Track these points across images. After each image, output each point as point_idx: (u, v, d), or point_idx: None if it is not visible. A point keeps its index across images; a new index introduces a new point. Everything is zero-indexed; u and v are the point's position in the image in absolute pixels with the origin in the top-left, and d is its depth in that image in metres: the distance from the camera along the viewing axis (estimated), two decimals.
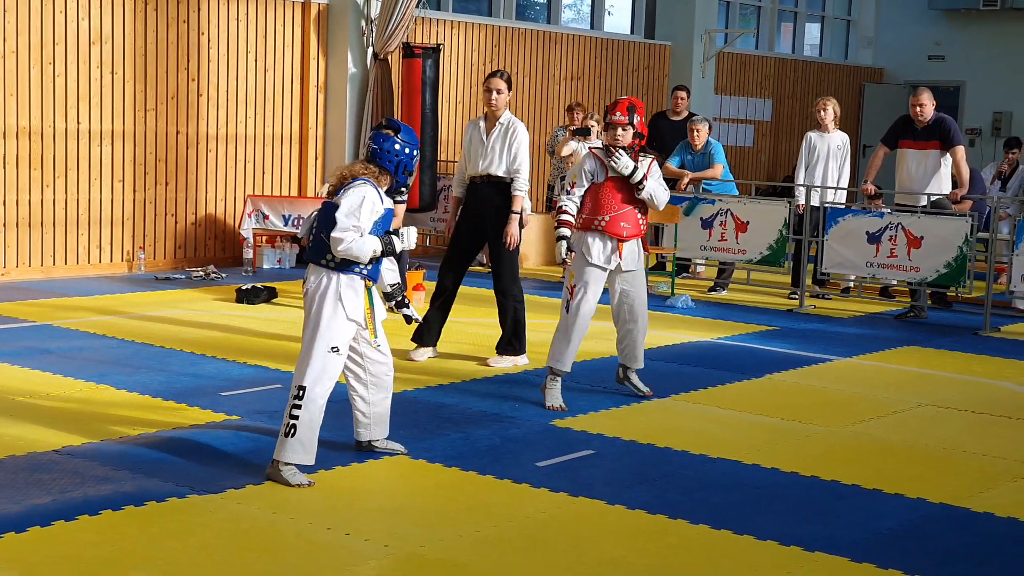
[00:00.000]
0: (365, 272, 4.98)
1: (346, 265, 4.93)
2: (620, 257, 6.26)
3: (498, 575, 4.07)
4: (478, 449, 5.53)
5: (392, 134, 5.06)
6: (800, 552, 4.34)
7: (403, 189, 5.20)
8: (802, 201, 10.39)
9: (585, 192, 6.31)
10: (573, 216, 6.30)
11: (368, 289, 5.05)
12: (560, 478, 5.13)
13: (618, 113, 6.19)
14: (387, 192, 5.08)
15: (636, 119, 6.18)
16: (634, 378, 6.61)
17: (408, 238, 5.04)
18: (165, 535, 4.31)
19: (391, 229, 5.04)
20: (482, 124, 7.38)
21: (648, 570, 4.16)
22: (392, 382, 5.31)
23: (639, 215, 6.32)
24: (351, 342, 5.06)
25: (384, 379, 5.25)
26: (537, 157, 13.18)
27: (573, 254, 6.27)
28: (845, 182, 10.63)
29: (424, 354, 7.48)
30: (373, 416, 5.27)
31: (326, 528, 4.43)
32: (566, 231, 6.30)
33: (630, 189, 6.24)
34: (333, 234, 4.83)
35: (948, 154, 9.66)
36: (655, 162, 6.36)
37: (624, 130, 6.19)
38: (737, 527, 4.56)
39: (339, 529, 4.42)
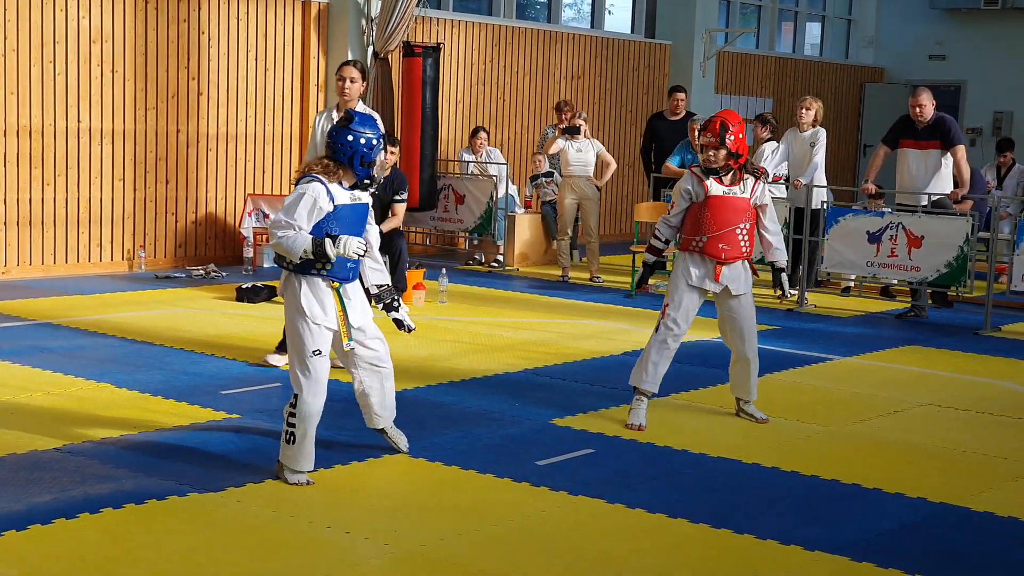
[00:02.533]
0: (325, 272, 4.84)
1: (304, 266, 4.82)
2: (717, 280, 5.97)
3: (498, 573, 4.07)
4: (478, 448, 5.53)
5: (345, 124, 4.85)
6: (800, 551, 4.34)
7: (367, 182, 4.90)
8: (782, 194, 10.38)
9: (685, 212, 6.06)
10: (662, 242, 6.15)
11: (337, 290, 4.92)
12: (560, 477, 5.13)
13: (709, 134, 5.92)
14: (352, 187, 4.89)
15: (730, 139, 5.87)
16: (750, 409, 6.27)
17: (345, 246, 4.75)
18: (166, 533, 4.31)
19: (339, 234, 4.79)
20: (335, 115, 6.68)
21: (648, 569, 4.16)
22: (390, 371, 5.20)
23: (743, 236, 5.99)
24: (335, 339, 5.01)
25: (376, 369, 5.14)
26: (529, 157, 13.15)
27: (648, 286, 6.11)
28: (819, 173, 10.49)
29: (283, 360, 6.86)
30: (373, 405, 5.22)
31: (326, 527, 4.43)
32: (651, 257, 6.21)
33: (732, 208, 5.95)
34: (269, 228, 4.77)
35: (949, 154, 9.66)
36: (762, 182, 6.06)
37: (716, 152, 5.90)
38: (737, 526, 4.56)
39: (339, 527, 4.42)
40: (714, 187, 5.97)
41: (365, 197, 4.96)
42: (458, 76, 13.53)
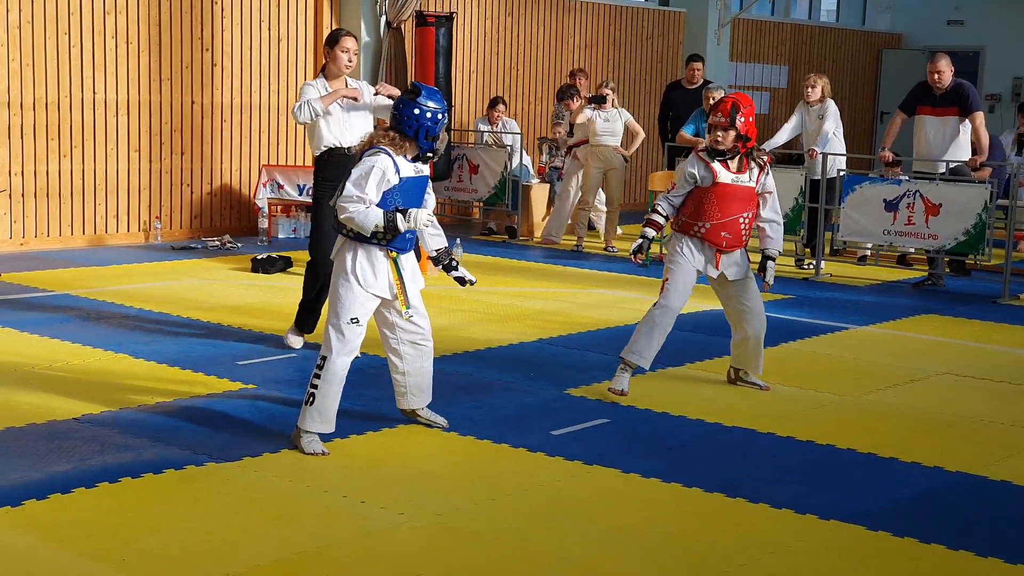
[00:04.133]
0: (385, 242, 4.88)
1: (362, 235, 4.88)
2: (717, 267, 5.93)
3: (513, 543, 4.10)
4: (493, 418, 5.55)
5: (412, 98, 4.86)
6: (815, 520, 4.35)
7: (429, 155, 4.92)
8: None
9: (688, 194, 5.94)
10: (664, 218, 5.99)
11: (395, 259, 4.94)
12: (575, 446, 5.14)
13: (719, 114, 5.79)
14: (415, 159, 4.91)
15: (740, 120, 5.75)
16: (751, 378, 6.25)
17: (415, 219, 4.79)
18: (183, 502, 4.35)
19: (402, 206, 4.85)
20: (325, 86, 6.53)
21: (662, 538, 4.18)
22: (430, 350, 5.20)
23: (744, 225, 5.92)
24: (384, 311, 5.03)
25: (418, 347, 5.14)
26: (543, 127, 13.10)
27: (642, 256, 5.94)
28: (837, 141, 10.44)
29: (300, 340, 6.83)
30: (409, 385, 5.20)
31: (342, 496, 4.46)
32: (651, 232, 5.99)
33: (737, 197, 5.86)
34: (338, 202, 4.79)
35: (967, 120, 9.59)
36: (768, 168, 5.95)
37: (725, 132, 5.77)
38: (752, 495, 4.57)
39: (355, 497, 4.45)
40: (722, 174, 5.84)
41: (425, 169, 4.98)
42: (471, 45, 13.46)
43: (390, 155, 4.84)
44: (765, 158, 5.99)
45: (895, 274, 10.39)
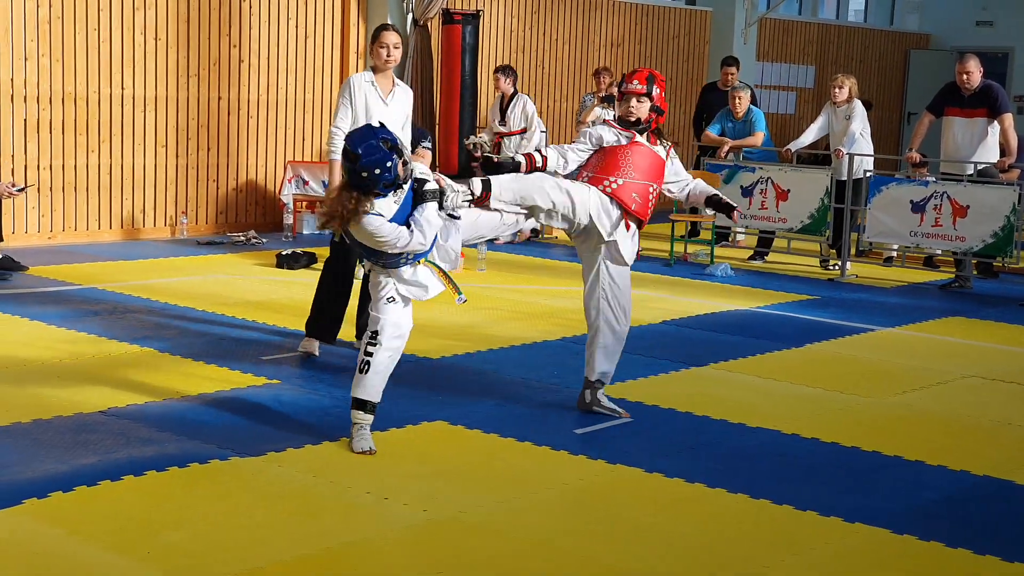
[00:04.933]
0: (410, 259, 4.87)
1: (394, 261, 4.85)
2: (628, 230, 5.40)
3: (535, 541, 4.09)
4: (516, 416, 5.55)
5: (353, 164, 4.63)
6: (840, 523, 4.32)
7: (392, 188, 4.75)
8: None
9: (590, 156, 5.42)
10: (543, 159, 5.31)
11: (428, 262, 4.94)
12: (598, 445, 5.13)
13: (635, 81, 5.37)
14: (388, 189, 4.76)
15: (656, 91, 5.37)
16: (600, 396, 5.57)
17: (452, 201, 4.88)
18: (208, 496, 4.37)
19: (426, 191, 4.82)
20: (371, 80, 6.41)
21: (685, 539, 4.16)
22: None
23: (652, 198, 5.42)
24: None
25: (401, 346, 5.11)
26: (569, 125, 13.09)
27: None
28: (864, 142, 10.37)
29: (316, 345, 6.64)
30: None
31: (365, 492, 4.47)
32: (520, 158, 5.29)
33: (652, 163, 5.40)
34: (394, 247, 4.76)
35: (995, 122, 9.52)
36: (673, 150, 5.57)
37: (640, 101, 5.36)
38: (776, 497, 4.55)
39: (378, 493, 4.45)
40: (637, 138, 5.39)
41: (403, 187, 4.84)
42: (497, 43, 13.46)
43: (374, 214, 4.70)
44: (669, 143, 5.56)
45: (921, 276, 10.32)
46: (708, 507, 4.47)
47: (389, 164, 4.62)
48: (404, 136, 6.52)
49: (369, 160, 4.60)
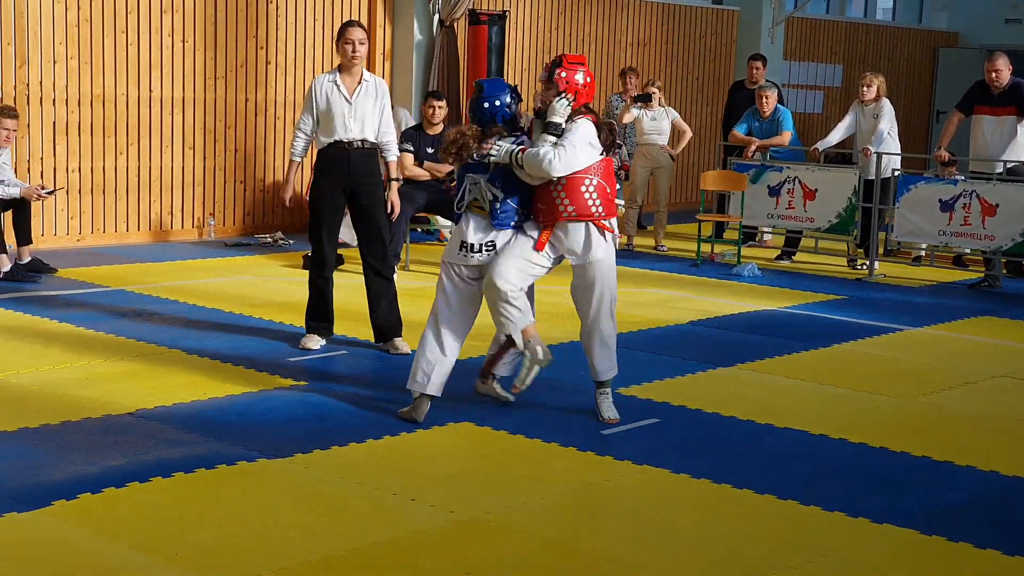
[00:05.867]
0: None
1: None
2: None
3: (561, 542, 4.09)
4: (542, 416, 5.54)
5: (477, 96, 5.36)
6: (868, 524, 4.30)
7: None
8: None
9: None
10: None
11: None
12: (625, 446, 5.12)
13: (544, 72, 5.29)
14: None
15: (560, 74, 5.18)
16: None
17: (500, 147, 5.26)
18: (235, 497, 4.39)
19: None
20: (338, 80, 6.53)
21: (713, 540, 4.15)
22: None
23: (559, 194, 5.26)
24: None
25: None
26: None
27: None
28: (892, 141, 10.31)
29: (319, 342, 6.77)
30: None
31: (392, 493, 4.48)
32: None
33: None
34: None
35: None
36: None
37: (546, 88, 5.26)
38: (804, 498, 4.53)
39: (404, 494, 4.46)
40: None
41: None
42: (524, 44, 13.46)
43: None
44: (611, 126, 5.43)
45: (950, 275, 10.24)
46: (735, 508, 4.45)
47: (509, 100, 5.31)
48: (386, 126, 6.64)
49: (492, 92, 5.30)
